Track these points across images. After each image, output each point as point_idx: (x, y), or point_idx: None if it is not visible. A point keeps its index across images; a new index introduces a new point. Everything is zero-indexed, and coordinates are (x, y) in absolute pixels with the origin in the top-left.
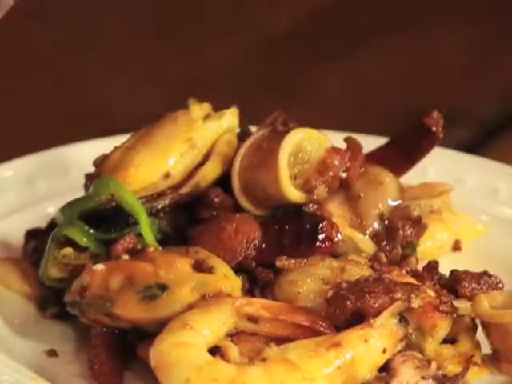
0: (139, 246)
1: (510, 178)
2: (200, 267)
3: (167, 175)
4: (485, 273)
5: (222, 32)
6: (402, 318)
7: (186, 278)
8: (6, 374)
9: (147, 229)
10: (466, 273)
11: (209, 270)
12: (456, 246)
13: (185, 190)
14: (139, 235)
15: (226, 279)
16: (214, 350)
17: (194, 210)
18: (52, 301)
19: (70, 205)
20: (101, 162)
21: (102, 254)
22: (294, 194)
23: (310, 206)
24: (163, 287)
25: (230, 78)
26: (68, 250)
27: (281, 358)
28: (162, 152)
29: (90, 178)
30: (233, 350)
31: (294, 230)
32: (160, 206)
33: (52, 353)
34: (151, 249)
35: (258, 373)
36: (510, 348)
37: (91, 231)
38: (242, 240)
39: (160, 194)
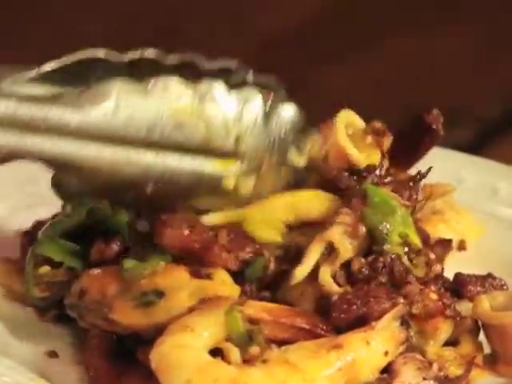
0: None
1: (510, 178)
2: (197, 273)
3: None
4: (489, 275)
5: (222, 33)
6: (404, 321)
7: (183, 285)
8: (6, 376)
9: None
10: (471, 276)
11: (207, 277)
12: (461, 246)
13: None
14: None
15: (224, 285)
16: (215, 352)
17: None
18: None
19: (51, 225)
20: None
21: (79, 267)
22: None
23: None
24: (160, 294)
25: None
26: (45, 269)
27: (281, 359)
28: None
29: None
30: (233, 352)
31: None
32: None
33: (53, 354)
34: None
35: (259, 374)
36: (507, 349)
37: (66, 246)
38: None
39: None
